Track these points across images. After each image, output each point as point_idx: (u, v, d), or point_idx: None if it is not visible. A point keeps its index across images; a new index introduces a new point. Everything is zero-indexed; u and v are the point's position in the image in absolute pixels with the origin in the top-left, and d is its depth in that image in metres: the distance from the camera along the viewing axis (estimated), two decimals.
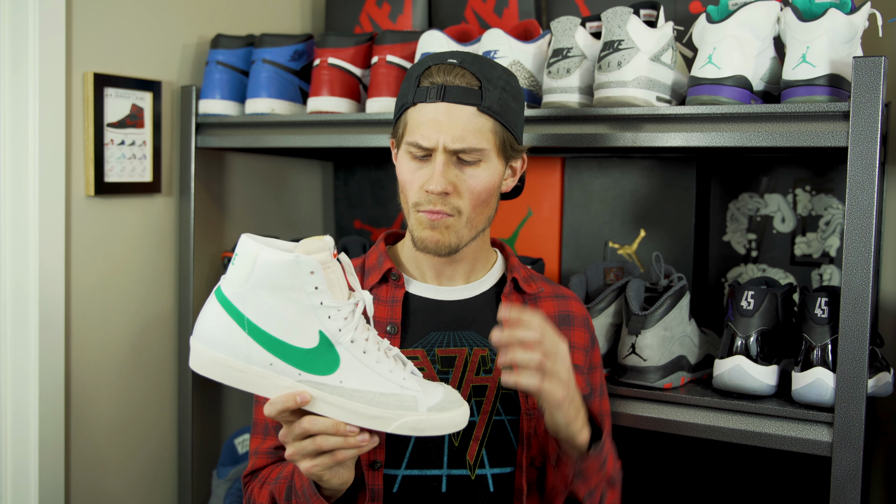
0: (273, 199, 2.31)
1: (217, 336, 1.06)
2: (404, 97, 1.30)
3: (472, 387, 1.29)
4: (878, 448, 1.82)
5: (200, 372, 1.07)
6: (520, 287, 1.36)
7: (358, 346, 1.08)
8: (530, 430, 1.29)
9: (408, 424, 1.07)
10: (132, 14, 1.90)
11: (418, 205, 1.27)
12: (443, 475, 1.27)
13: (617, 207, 1.94)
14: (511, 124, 1.29)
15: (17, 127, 1.71)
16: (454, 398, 1.11)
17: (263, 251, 1.04)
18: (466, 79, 1.25)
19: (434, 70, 1.26)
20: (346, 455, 1.07)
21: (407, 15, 2.08)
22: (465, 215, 1.27)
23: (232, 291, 1.06)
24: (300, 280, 1.04)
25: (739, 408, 1.43)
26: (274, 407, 1.05)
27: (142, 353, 1.97)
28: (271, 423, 1.31)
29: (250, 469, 1.33)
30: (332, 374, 1.06)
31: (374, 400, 1.07)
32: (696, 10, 1.77)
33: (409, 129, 1.27)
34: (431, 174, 1.24)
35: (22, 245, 1.72)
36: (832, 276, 1.81)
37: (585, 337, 1.40)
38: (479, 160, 1.26)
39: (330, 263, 1.07)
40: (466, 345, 1.31)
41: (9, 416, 1.73)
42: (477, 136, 1.25)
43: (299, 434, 1.07)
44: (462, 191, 1.26)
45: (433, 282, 1.35)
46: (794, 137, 1.35)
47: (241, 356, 1.05)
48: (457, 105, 1.24)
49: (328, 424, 1.06)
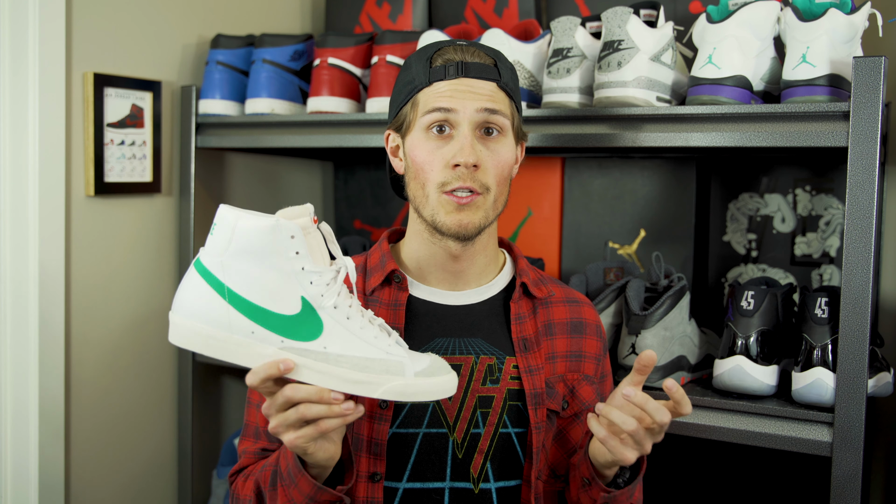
0: (273, 199, 2.31)
1: (196, 307, 1.04)
2: (412, 81, 1.25)
3: (477, 397, 1.24)
4: (878, 448, 1.82)
5: (180, 344, 1.05)
6: (529, 291, 1.32)
7: (341, 311, 1.05)
8: (539, 444, 1.25)
9: (395, 389, 1.04)
10: (132, 14, 1.90)
11: (445, 184, 1.21)
12: (445, 488, 1.23)
13: (617, 207, 1.94)
14: (520, 106, 1.28)
15: (17, 127, 1.71)
16: (441, 364, 1.09)
17: (242, 218, 1.03)
18: (482, 56, 1.24)
19: (449, 49, 1.24)
20: (331, 424, 1.04)
21: (407, 15, 2.08)
22: (493, 193, 1.23)
23: (211, 261, 1.04)
24: (281, 245, 1.02)
25: (739, 408, 1.43)
26: (256, 376, 1.02)
27: (142, 353, 1.97)
28: (263, 427, 1.27)
29: (237, 468, 1.29)
30: (315, 339, 1.04)
31: (359, 365, 1.04)
32: (696, 10, 1.77)
33: (425, 105, 1.23)
34: (459, 148, 1.20)
35: (22, 245, 1.72)
36: (832, 276, 1.81)
37: (598, 346, 1.37)
38: (500, 133, 1.24)
39: (310, 229, 1.05)
40: (473, 352, 1.26)
41: (9, 415, 1.73)
42: (502, 105, 1.23)
43: (282, 403, 1.04)
44: (488, 166, 1.22)
45: (438, 284, 1.30)
46: (794, 137, 1.35)
47: (222, 325, 1.03)
48: (478, 80, 1.22)
49: (311, 392, 1.03)
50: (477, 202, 1.22)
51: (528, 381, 1.26)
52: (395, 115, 1.29)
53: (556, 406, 1.29)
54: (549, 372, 1.29)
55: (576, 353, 1.33)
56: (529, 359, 1.28)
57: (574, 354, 1.33)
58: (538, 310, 1.32)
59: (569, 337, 1.33)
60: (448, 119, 1.21)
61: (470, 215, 1.21)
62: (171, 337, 1.06)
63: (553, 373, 1.30)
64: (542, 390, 1.26)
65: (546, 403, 1.27)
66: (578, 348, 1.33)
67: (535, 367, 1.27)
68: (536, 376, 1.27)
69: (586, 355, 1.34)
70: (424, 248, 1.29)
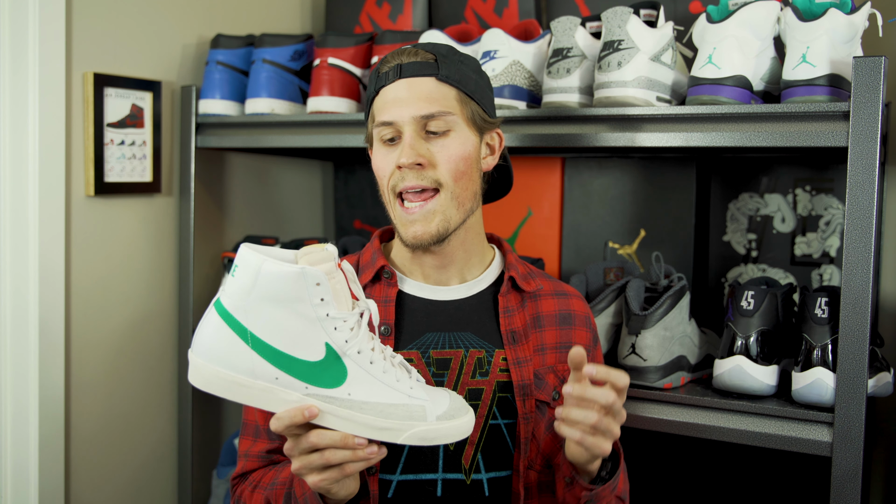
0: (273, 198, 2.31)
1: (218, 350, 1.03)
2: (370, 94, 1.30)
3: (467, 390, 1.27)
4: (878, 448, 1.82)
5: (201, 388, 1.04)
6: (518, 285, 1.34)
7: (365, 356, 1.05)
8: (528, 435, 1.28)
9: (417, 435, 1.05)
10: (132, 14, 1.90)
11: (394, 187, 1.25)
12: (438, 479, 1.25)
13: (617, 207, 1.94)
14: (476, 95, 1.28)
15: (17, 127, 1.71)
16: (460, 404, 1.10)
17: (266, 263, 1.01)
18: (421, 55, 1.27)
19: (389, 56, 1.28)
20: (355, 468, 1.06)
21: (407, 15, 2.08)
22: (449, 189, 1.24)
23: (233, 304, 1.03)
24: (305, 292, 1.01)
25: (739, 408, 1.43)
26: (281, 422, 1.03)
27: (142, 353, 1.97)
28: (263, 425, 1.28)
29: (240, 471, 1.30)
30: (339, 386, 1.04)
31: (383, 412, 1.05)
32: (696, 10, 1.77)
33: (374, 117, 1.27)
34: (400, 150, 1.24)
35: (22, 245, 1.72)
36: (832, 276, 1.81)
37: (587, 337, 1.38)
38: (447, 129, 1.25)
39: (335, 273, 1.04)
40: (462, 346, 1.29)
41: (9, 416, 1.73)
42: (441, 103, 1.24)
43: (307, 448, 1.04)
44: (437, 161, 1.24)
45: (428, 280, 1.32)
46: (794, 137, 1.35)
47: (245, 371, 1.03)
48: (415, 78, 1.24)
49: (337, 438, 1.03)
50: (429, 208, 1.24)
51: (516, 373, 1.28)
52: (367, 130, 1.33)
53: (545, 397, 1.31)
54: (537, 363, 1.31)
55: (566, 344, 1.35)
56: (517, 351, 1.30)
57: (564, 346, 1.34)
58: (527, 303, 1.34)
59: (558, 329, 1.35)
60: (394, 128, 1.25)
61: (424, 226, 1.24)
62: (192, 379, 1.05)
63: (542, 364, 1.32)
64: (529, 381, 1.29)
65: (535, 394, 1.29)
66: (568, 339, 1.35)
67: (523, 360, 1.30)
68: (524, 368, 1.29)
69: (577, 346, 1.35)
70: (406, 248, 1.31)
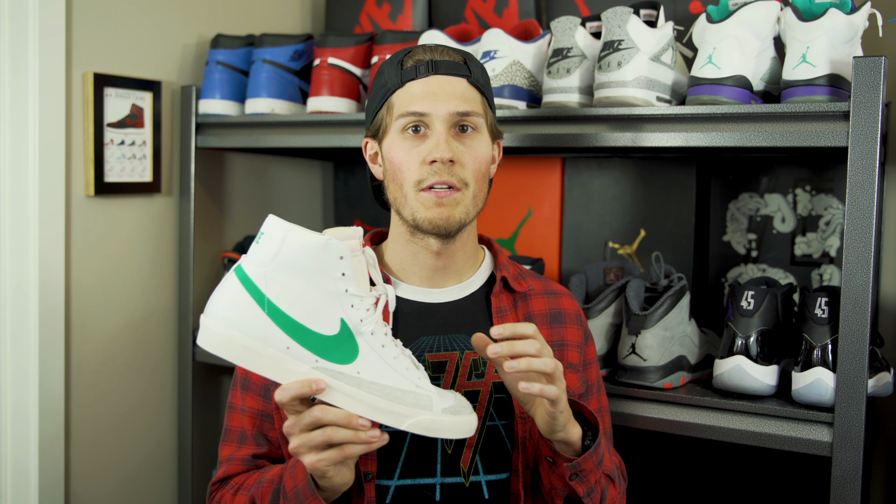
0: (273, 198, 2.31)
1: (233, 314, 1.02)
2: (385, 85, 1.27)
3: (464, 392, 1.26)
4: (878, 448, 1.82)
5: (211, 350, 1.02)
6: (510, 286, 1.34)
7: (377, 339, 1.05)
8: (525, 434, 1.27)
9: (422, 423, 1.05)
10: (132, 14, 1.90)
11: (422, 181, 1.22)
12: (436, 483, 1.24)
13: (617, 207, 1.94)
14: (493, 104, 1.30)
15: (17, 127, 1.71)
16: (465, 404, 1.10)
17: (293, 231, 1.01)
18: (451, 55, 1.27)
19: (418, 51, 1.27)
20: (355, 451, 1.04)
21: (407, 15, 2.08)
22: (472, 189, 1.24)
23: (254, 270, 1.02)
24: (329, 264, 1.02)
25: (739, 408, 1.43)
26: (287, 392, 1.02)
27: (142, 353, 1.97)
28: (250, 431, 1.27)
29: (220, 476, 1.27)
30: (350, 363, 1.03)
31: (390, 394, 1.04)
32: (696, 10, 1.77)
33: (399, 107, 1.25)
34: (434, 144, 1.22)
35: (22, 245, 1.72)
36: (832, 276, 1.81)
37: (578, 333, 1.38)
38: (475, 130, 1.25)
39: (358, 252, 1.05)
40: (457, 348, 1.28)
41: (9, 416, 1.73)
42: (471, 103, 1.25)
43: (309, 424, 1.03)
44: (465, 161, 1.23)
45: (421, 283, 1.31)
46: (794, 137, 1.35)
47: (258, 337, 1.02)
48: (449, 77, 1.24)
49: (341, 415, 1.02)
50: (456, 198, 1.23)
51: None
52: (371, 121, 1.31)
53: None
54: None
55: (557, 342, 1.34)
56: None
57: (556, 344, 1.34)
58: (518, 303, 1.34)
59: (549, 328, 1.35)
60: (422, 120, 1.24)
61: (450, 209, 1.23)
62: (202, 341, 1.04)
63: None
64: None
65: None
66: (560, 338, 1.35)
67: None
68: None
69: (568, 344, 1.36)
70: (406, 249, 1.30)
